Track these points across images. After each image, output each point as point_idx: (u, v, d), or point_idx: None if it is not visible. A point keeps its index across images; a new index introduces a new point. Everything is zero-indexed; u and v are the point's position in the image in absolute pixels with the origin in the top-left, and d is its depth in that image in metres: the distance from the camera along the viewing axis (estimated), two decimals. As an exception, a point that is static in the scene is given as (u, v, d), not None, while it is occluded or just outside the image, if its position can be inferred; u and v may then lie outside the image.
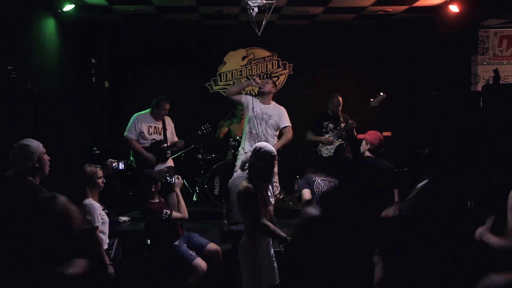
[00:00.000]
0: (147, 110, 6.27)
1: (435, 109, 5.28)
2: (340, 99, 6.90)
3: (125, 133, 6.17)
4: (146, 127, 6.16)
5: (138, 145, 6.12)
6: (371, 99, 6.77)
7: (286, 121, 5.98)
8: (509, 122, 4.92)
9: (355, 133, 6.74)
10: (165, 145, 6.21)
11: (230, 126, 8.00)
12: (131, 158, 6.26)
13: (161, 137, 6.23)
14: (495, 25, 8.09)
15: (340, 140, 6.84)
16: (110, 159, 4.90)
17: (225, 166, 7.33)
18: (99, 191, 4.40)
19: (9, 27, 5.69)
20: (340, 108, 6.91)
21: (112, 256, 4.28)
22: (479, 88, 7.87)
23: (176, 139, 6.41)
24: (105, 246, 4.26)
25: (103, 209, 4.37)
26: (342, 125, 6.78)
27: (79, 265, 2.59)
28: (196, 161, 7.83)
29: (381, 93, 6.77)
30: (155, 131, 6.21)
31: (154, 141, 6.17)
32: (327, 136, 6.84)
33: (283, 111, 6.00)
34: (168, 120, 6.36)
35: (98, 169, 4.41)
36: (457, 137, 5.10)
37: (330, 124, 6.87)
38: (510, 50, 8.21)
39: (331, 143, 6.80)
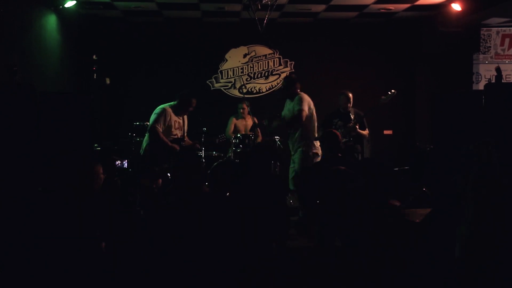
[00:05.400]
0: (173, 103, 6.09)
1: (436, 108, 5.28)
2: (350, 95, 6.80)
3: (154, 124, 5.91)
4: (173, 121, 6.04)
5: (164, 137, 5.93)
6: (382, 96, 6.72)
7: None
8: (511, 121, 4.91)
9: (365, 125, 6.73)
10: (183, 143, 6.12)
11: (235, 123, 8.00)
12: (143, 147, 6.10)
13: (181, 133, 6.15)
14: (497, 24, 8.08)
15: (346, 138, 6.76)
16: (114, 157, 4.90)
17: (226, 163, 7.32)
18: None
19: (10, 24, 5.69)
20: (350, 104, 6.84)
21: None
22: (480, 87, 7.85)
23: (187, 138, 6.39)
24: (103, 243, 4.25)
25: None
26: (351, 124, 6.70)
27: None
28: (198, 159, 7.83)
29: (393, 90, 6.71)
30: (178, 126, 6.12)
31: (176, 137, 6.07)
32: None
33: None
34: (185, 117, 6.28)
35: (98, 164, 4.41)
36: (458, 136, 5.09)
37: (339, 122, 6.79)
38: (512, 49, 8.19)
39: None
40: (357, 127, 6.58)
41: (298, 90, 6.15)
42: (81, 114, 5.07)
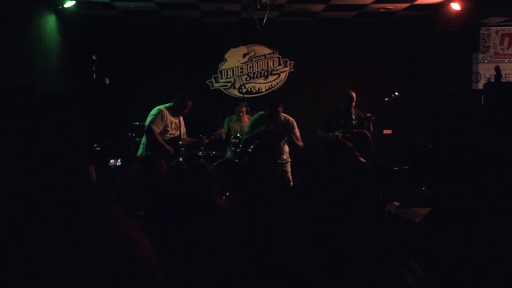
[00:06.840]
0: (169, 104, 6.19)
1: (436, 107, 5.28)
2: (354, 94, 6.79)
3: (150, 124, 5.98)
4: (170, 121, 6.13)
5: (160, 138, 6.03)
6: (386, 98, 6.72)
7: None
8: (511, 121, 4.91)
9: (372, 127, 6.69)
10: (181, 142, 6.24)
11: (229, 124, 8.00)
12: (140, 150, 6.17)
13: (178, 133, 6.25)
14: (496, 23, 8.09)
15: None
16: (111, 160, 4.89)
17: (225, 163, 7.32)
18: None
19: (10, 24, 5.69)
20: (353, 104, 6.82)
21: None
22: (480, 86, 7.86)
23: (186, 137, 6.48)
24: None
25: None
26: (353, 122, 6.69)
27: None
28: (197, 159, 7.82)
29: (396, 93, 6.72)
30: (175, 126, 6.22)
31: (172, 136, 6.17)
32: (336, 133, 6.74)
33: None
34: (181, 118, 6.38)
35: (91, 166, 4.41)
36: (458, 135, 5.10)
37: (341, 121, 6.78)
38: (511, 48, 8.20)
39: None
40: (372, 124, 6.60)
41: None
42: (81, 114, 5.07)
